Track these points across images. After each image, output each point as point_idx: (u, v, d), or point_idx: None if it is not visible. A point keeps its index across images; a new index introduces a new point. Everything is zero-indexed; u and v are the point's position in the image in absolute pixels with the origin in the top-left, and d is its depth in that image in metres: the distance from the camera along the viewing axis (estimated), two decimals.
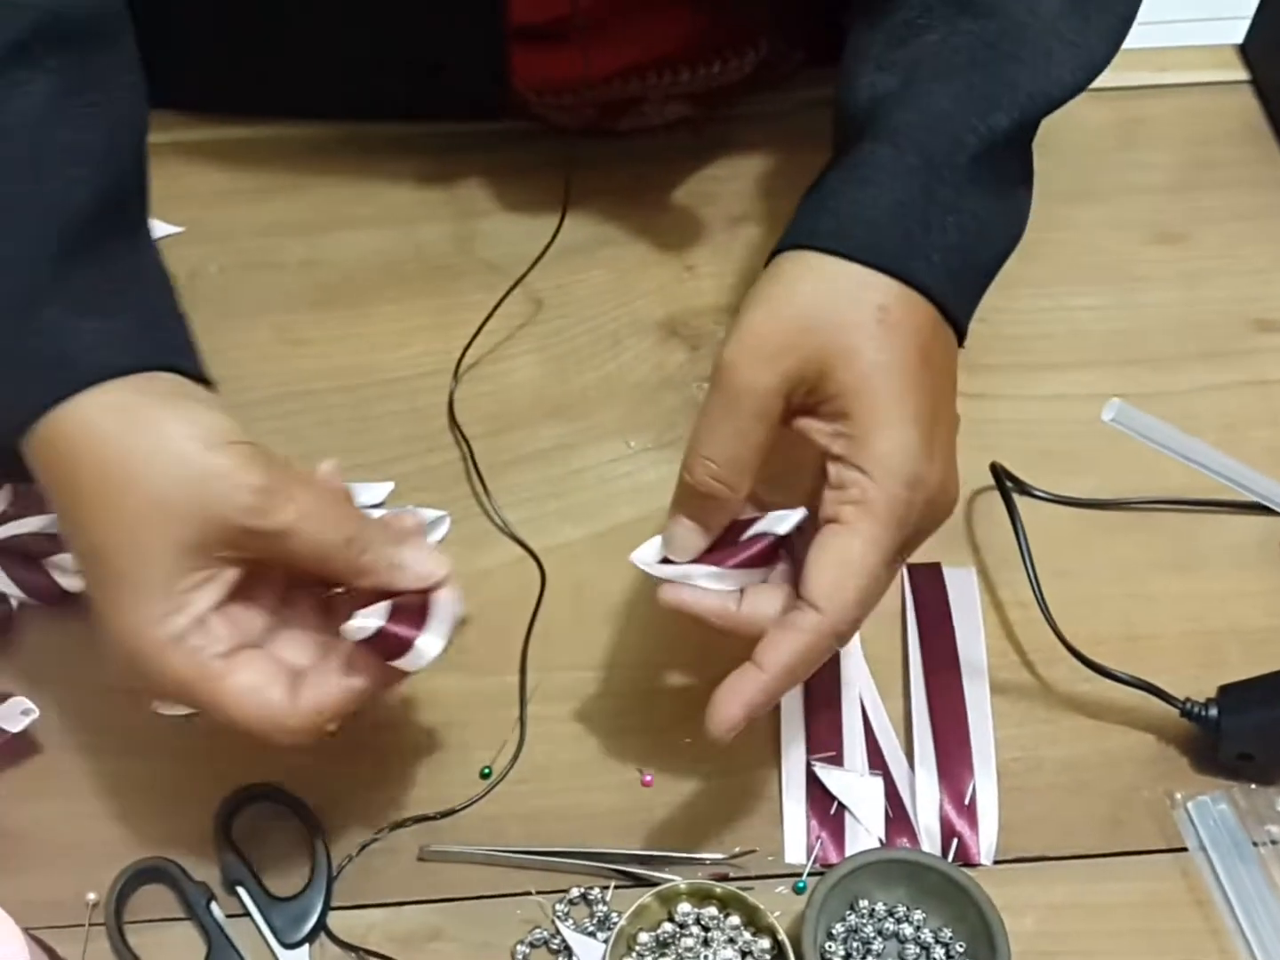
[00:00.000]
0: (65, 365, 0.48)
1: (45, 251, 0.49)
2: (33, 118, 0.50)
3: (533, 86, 0.73)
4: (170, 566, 0.47)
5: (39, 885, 0.56)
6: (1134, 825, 0.57)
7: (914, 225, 0.52)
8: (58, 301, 0.49)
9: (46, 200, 0.50)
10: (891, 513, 0.49)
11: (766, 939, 0.53)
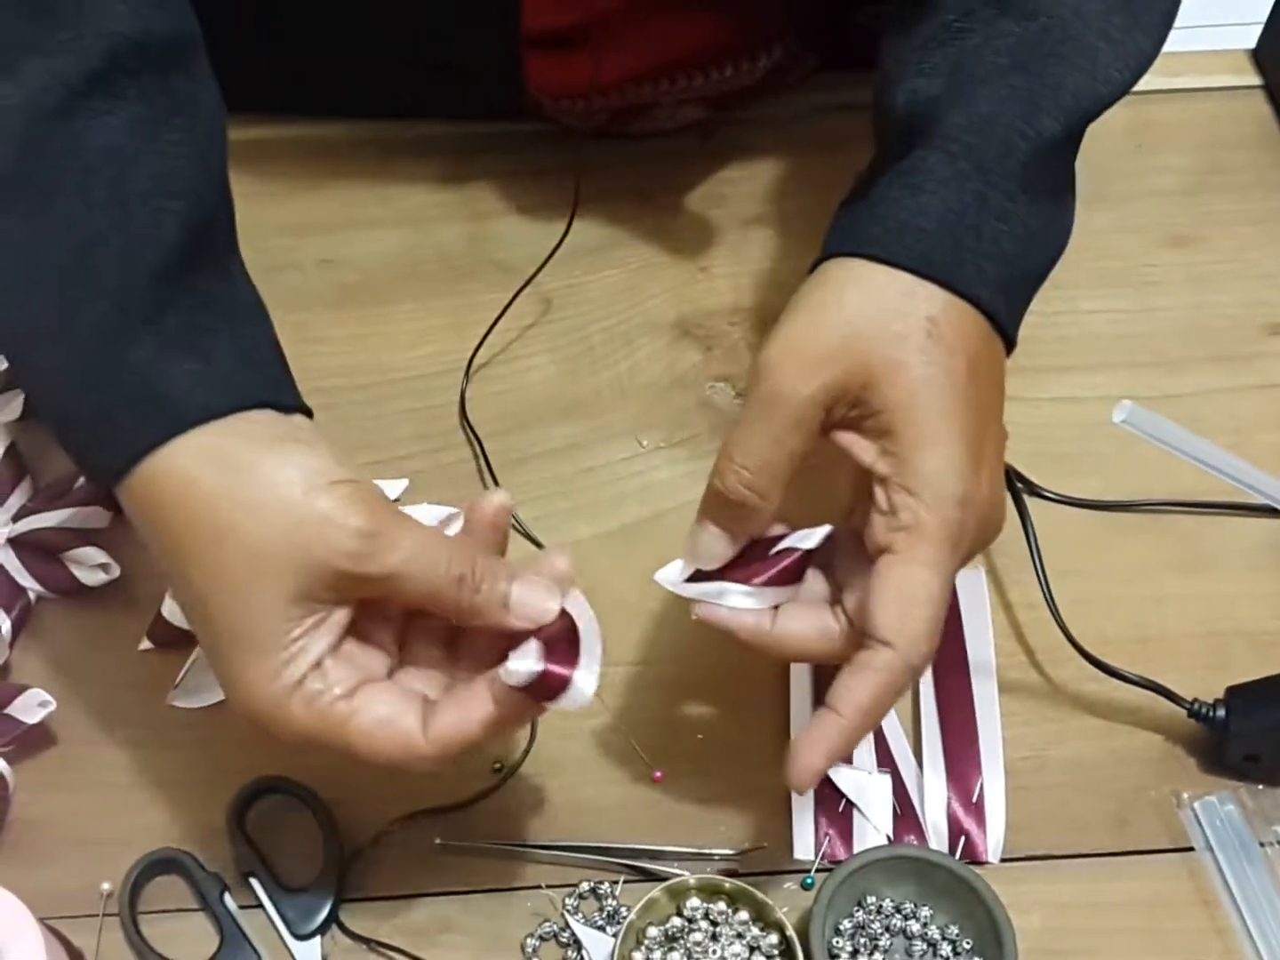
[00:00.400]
0: (161, 408, 0.47)
1: (137, 289, 0.48)
2: (117, 151, 0.49)
3: (546, 92, 0.73)
4: (278, 618, 0.46)
5: (54, 875, 0.56)
6: (1141, 825, 0.57)
7: (965, 233, 0.50)
8: (151, 341, 0.48)
9: (136, 237, 0.48)
10: (946, 536, 0.48)
11: (775, 934, 0.53)
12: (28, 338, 0.49)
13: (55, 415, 0.50)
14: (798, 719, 0.59)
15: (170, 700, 0.61)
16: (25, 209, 0.48)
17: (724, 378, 0.71)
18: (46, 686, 0.59)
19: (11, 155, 0.48)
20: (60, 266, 0.48)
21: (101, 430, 0.48)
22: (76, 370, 0.48)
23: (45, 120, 0.48)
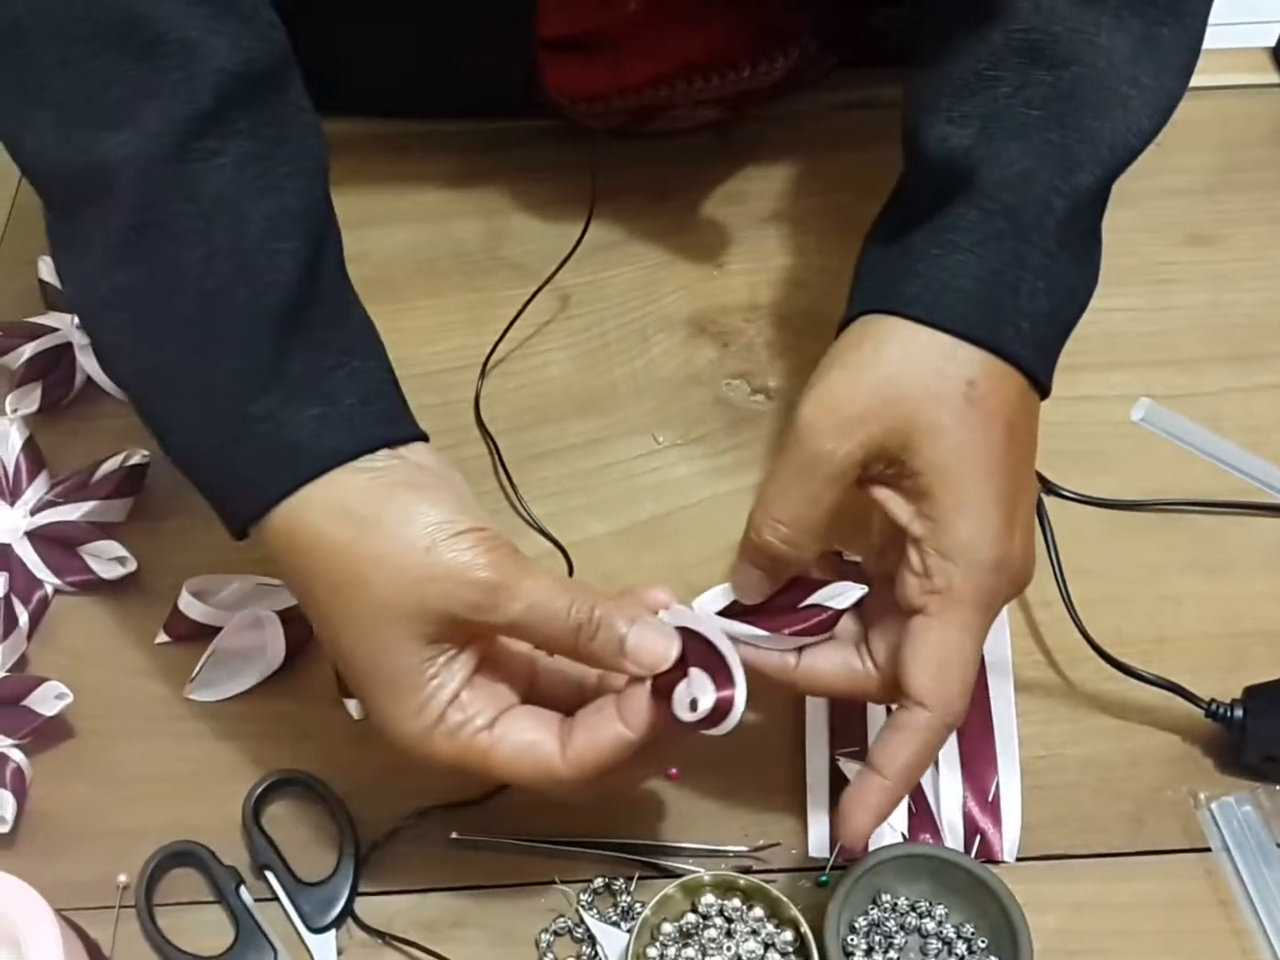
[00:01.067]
0: (290, 458, 0.48)
1: (261, 338, 0.49)
2: (230, 195, 0.49)
3: (564, 94, 0.73)
4: (412, 660, 0.47)
5: (71, 867, 0.57)
6: (1157, 825, 0.57)
7: (1004, 293, 0.50)
8: (278, 389, 0.49)
9: (257, 284, 0.49)
10: (979, 600, 0.49)
11: (789, 931, 0.53)
12: (157, 386, 0.50)
13: (186, 461, 0.51)
14: (813, 717, 0.59)
15: (187, 694, 0.61)
16: (150, 260, 0.49)
17: (740, 375, 0.71)
18: (63, 679, 0.59)
19: (132, 204, 0.49)
20: (186, 318, 0.49)
21: (231, 480, 0.50)
22: (205, 420, 0.49)
23: (161, 166, 0.48)
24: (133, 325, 0.50)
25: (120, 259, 0.49)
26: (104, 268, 0.50)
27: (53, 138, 0.49)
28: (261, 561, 0.64)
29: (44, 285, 0.73)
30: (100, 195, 0.49)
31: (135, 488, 0.66)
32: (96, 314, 0.51)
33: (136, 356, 0.50)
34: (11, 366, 0.70)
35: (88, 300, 0.51)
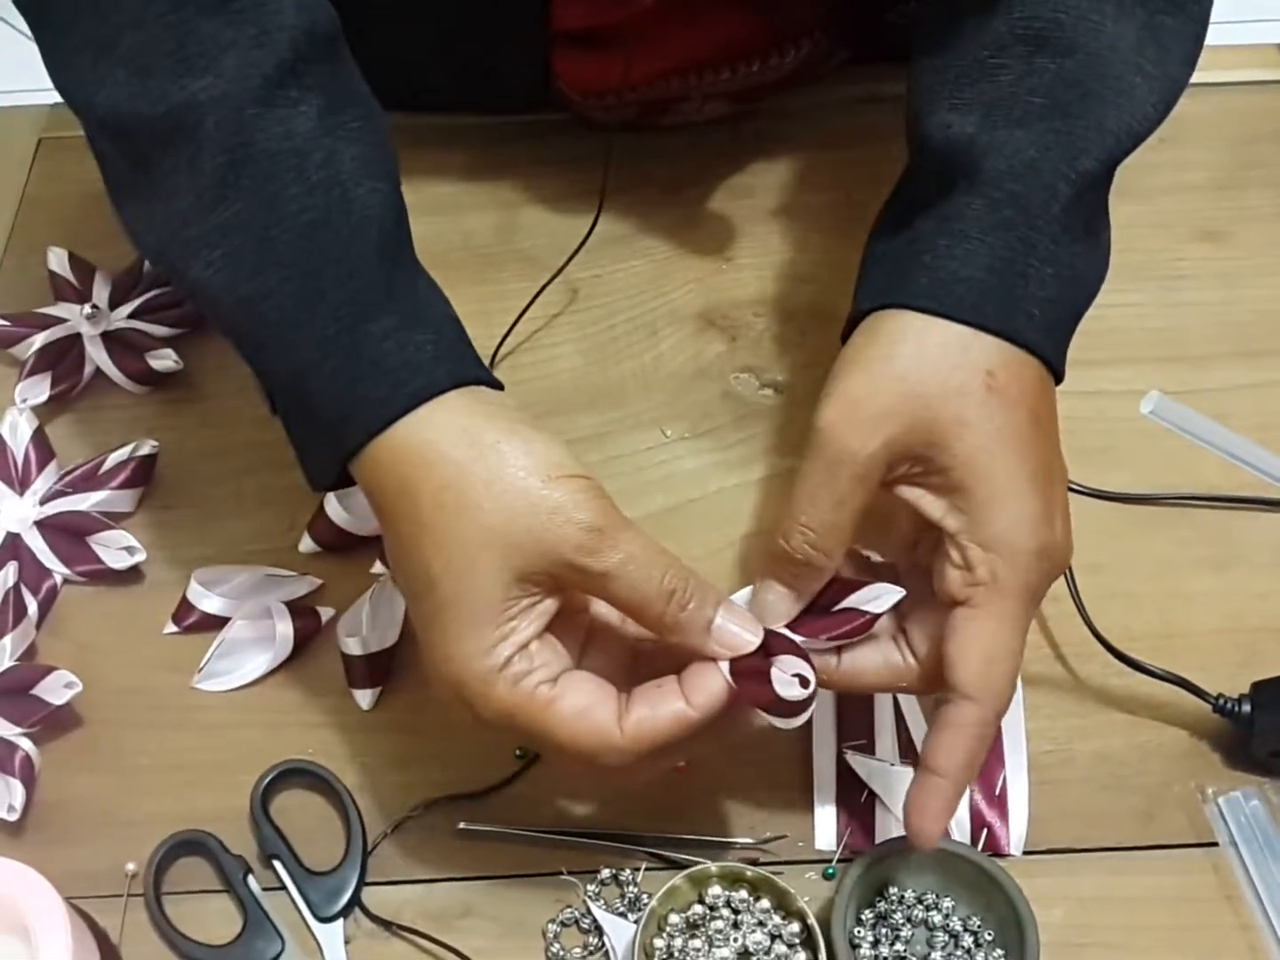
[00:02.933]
0: (412, 375, 0.49)
1: (368, 266, 0.50)
2: (320, 135, 0.51)
3: (576, 88, 0.73)
4: (498, 594, 0.47)
5: (80, 856, 0.57)
6: (1165, 819, 0.57)
7: (1014, 281, 0.50)
8: (392, 312, 0.50)
9: (353, 216, 0.50)
10: (1025, 589, 0.48)
11: (796, 923, 0.53)
12: (265, 313, 0.51)
13: (294, 386, 0.51)
14: (820, 711, 0.59)
15: (195, 683, 0.61)
16: (249, 196, 0.50)
17: (748, 369, 0.71)
18: (72, 668, 0.59)
19: (225, 143, 0.50)
20: (292, 246, 0.50)
21: (351, 396, 0.49)
22: (321, 341, 0.50)
23: (251, 107, 0.50)
24: (234, 259, 0.50)
25: (217, 197, 0.50)
26: (198, 208, 0.50)
27: (129, 90, 0.50)
28: (270, 552, 0.64)
29: (53, 276, 0.73)
30: (188, 139, 0.50)
31: (144, 478, 0.66)
32: (189, 254, 0.51)
33: (238, 287, 0.50)
34: (21, 357, 0.70)
35: (175, 242, 0.51)
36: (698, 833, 0.57)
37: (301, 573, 0.64)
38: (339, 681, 0.61)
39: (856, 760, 0.58)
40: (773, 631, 0.50)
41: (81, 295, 0.72)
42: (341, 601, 0.63)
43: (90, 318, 0.70)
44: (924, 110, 0.55)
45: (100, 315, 0.71)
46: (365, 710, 0.60)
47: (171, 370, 0.69)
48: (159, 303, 0.72)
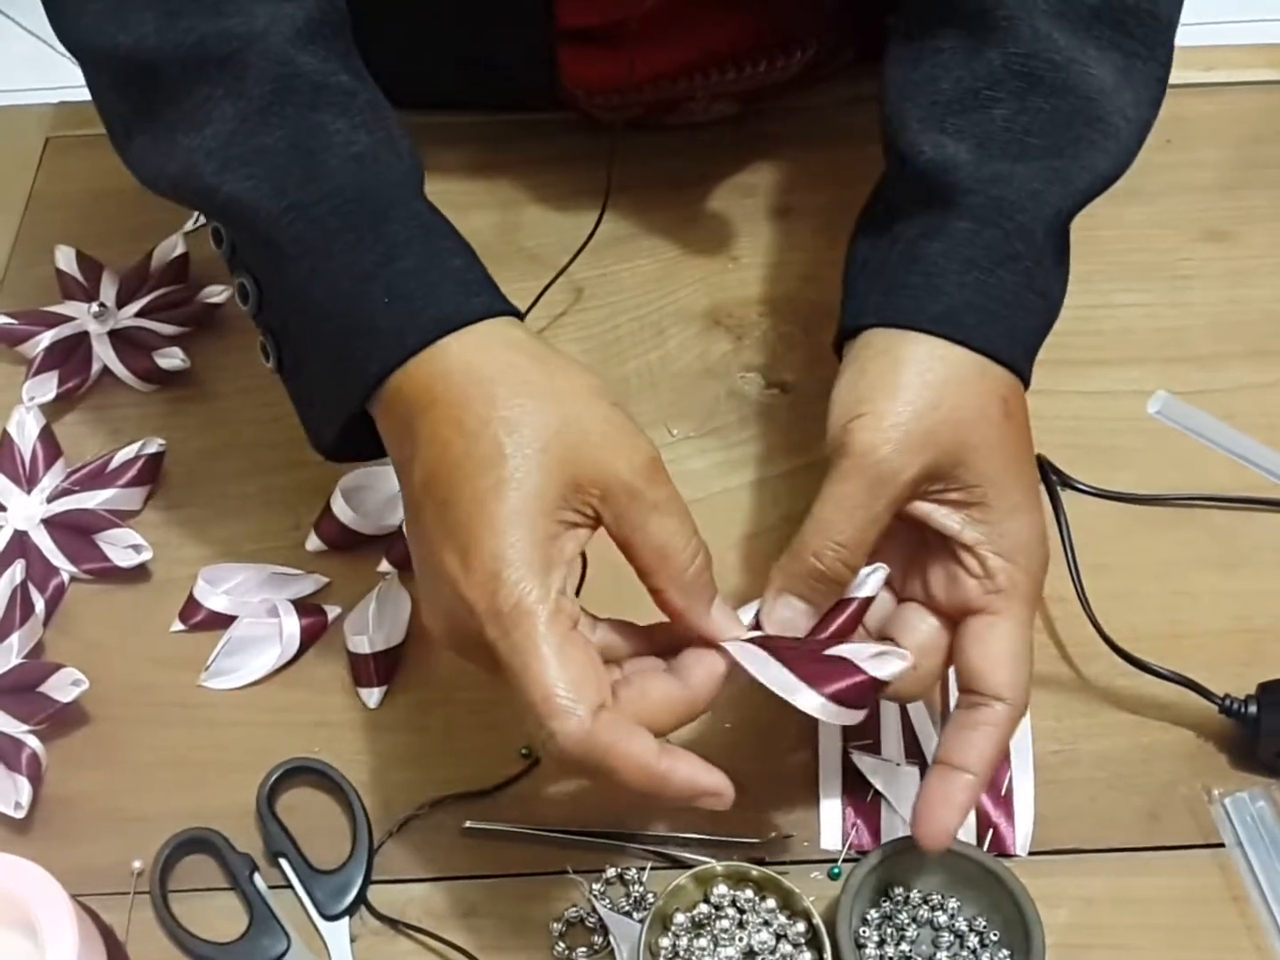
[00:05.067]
0: (485, 288, 0.51)
1: (414, 195, 0.53)
2: (355, 85, 0.54)
3: (581, 87, 0.73)
4: (559, 490, 0.47)
5: (86, 853, 0.57)
6: (1171, 820, 0.57)
7: (1018, 314, 0.53)
8: (437, 243, 0.52)
9: (396, 152, 0.53)
10: (1036, 594, 0.52)
11: (802, 923, 0.53)
12: (320, 221, 0.51)
13: (339, 299, 0.51)
14: None
15: (201, 681, 0.61)
16: (294, 123, 0.52)
17: (754, 368, 0.71)
18: (79, 666, 0.59)
19: (271, 73, 0.52)
20: (344, 166, 0.52)
21: (426, 295, 0.50)
22: (395, 243, 0.51)
23: (293, 42, 0.53)
24: (282, 172, 0.52)
25: (261, 122, 0.52)
26: (238, 132, 0.52)
27: (156, 27, 0.53)
28: (276, 551, 0.64)
29: (61, 274, 0.73)
30: (225, 67, 0.52)
31: (151, 476, 0.66)
32: (224, 171, 0.52)
33: (282, 195, 0.51)
34: (29, 355, 0.70)
35: (210, 162, 0.52)
36: (703, 832, 0.57)
37: (308, 571, 0.64)
38: (345, 680, 0.61)
39: (862, 760, 0.58)
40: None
41: (89, 294, 0.72)
42: (348, 600, 0.63)
43: (98, 316, 0.71)
44: (910, 125, 0.56)
45: (107, 313, 0.71)
46: (372, 709, 0.60)
47: (179, 369, 0.69)
48: (166, 301, 0.72)
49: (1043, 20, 0.54)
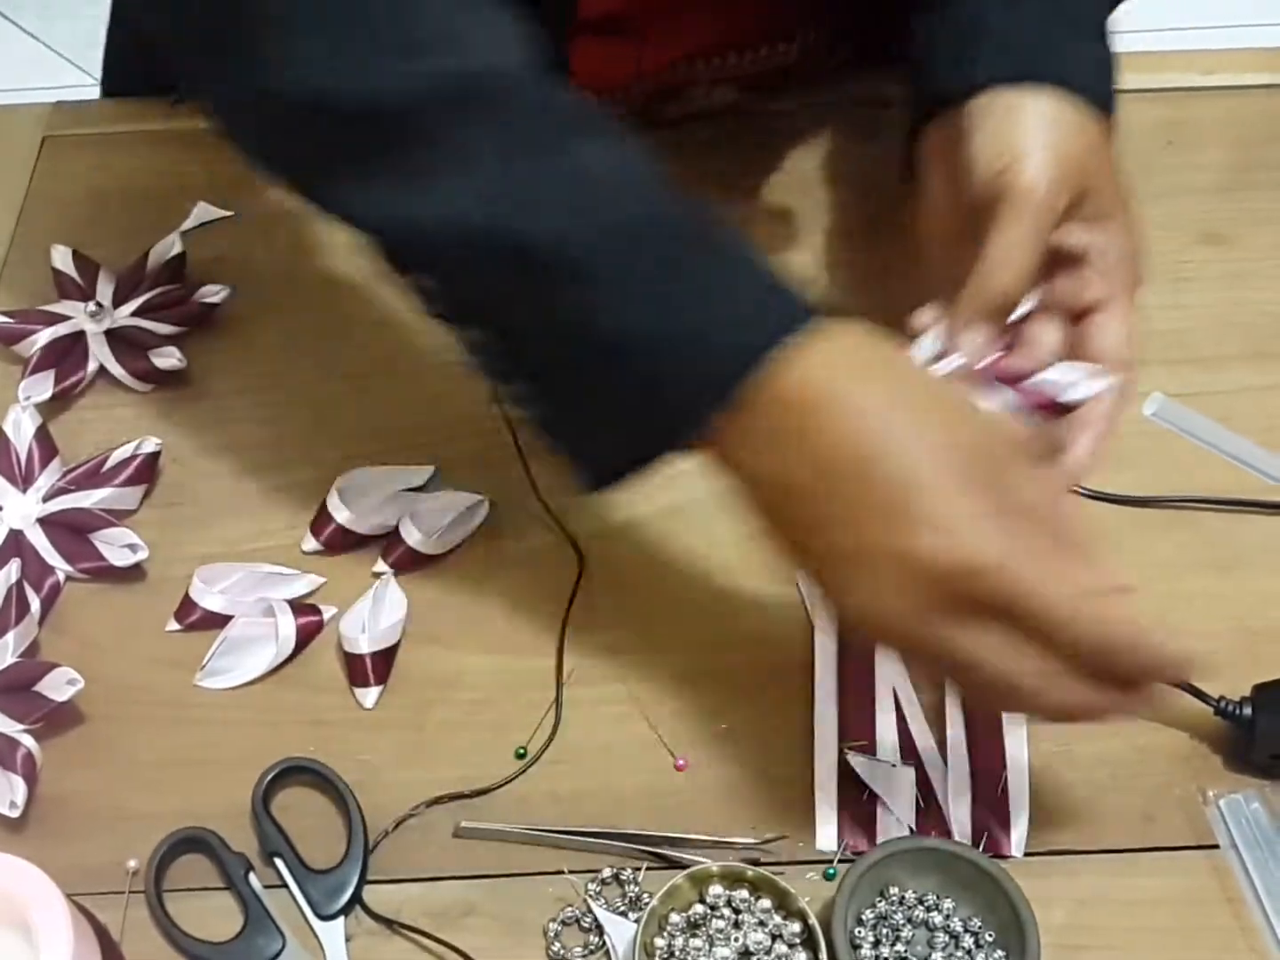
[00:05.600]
0: (797, 299, 0.51)
1: (705, 207, 0.52)
2: (596, 108, 0.54)
3: (587, 80, 0.73)
4: (966, 489, 0.48)
5: (81, 852, 0.57)
6: (1166, 821, 0.57)
7: (1107, 70, 0.61)
8: (739, 248, 0.52)
9: (642, 147, 0.53)
10: (1136, 290, 0.60)
11: (797, 923, 0.53)
12: (629, 252, 0.50)
13: (650, 331, 0.50)
14: (821, 711, 0.59)
15: (197, 681, 0.61)
16: (563, 155, 0.51)
17: None
18: (75, 665, 0.59)
19: (528, 106, 0.52)
20: (640, 186, 0.52)
21: (757, 314, 0.50)
22: (715, 263, 0.51)
23: (534, 76, 0.52)
24: (568, 212, 0.50)
25: (532, 157, 0.51)
26: (511, 169, 0.50)
27: (399, 68, 0.51)
28: (272, 550, 0.64)
29: (57, 273, 0.73)
30: (488, 108, 0.51)
31: (147, 476, 0.66)
32: (508, 217, 0.50)
33: (585, 230, 0.50)
34: (25, 354, 0.70)
35: (480, 206, 0.50)
36: (699, 832, 0.57)
37: (304, 571, 0.64)
38: (341, 680, 0.61)
39: (858, 760, 0.58)
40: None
41: (85, 293, 0.72)
42: (344, 600, 0.63)
43: (94, 315, 0.71)
44: None
45: (104, 313, 0.71)
46: (367, 709, 0.60)
47: (175, 368, 0.69)
48: (163, 301, 0.72)
49: None
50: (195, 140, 0.80)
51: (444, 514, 0.64)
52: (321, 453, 0.68)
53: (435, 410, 0.69)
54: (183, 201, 0.77)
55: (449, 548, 0.65)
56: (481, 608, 0.63)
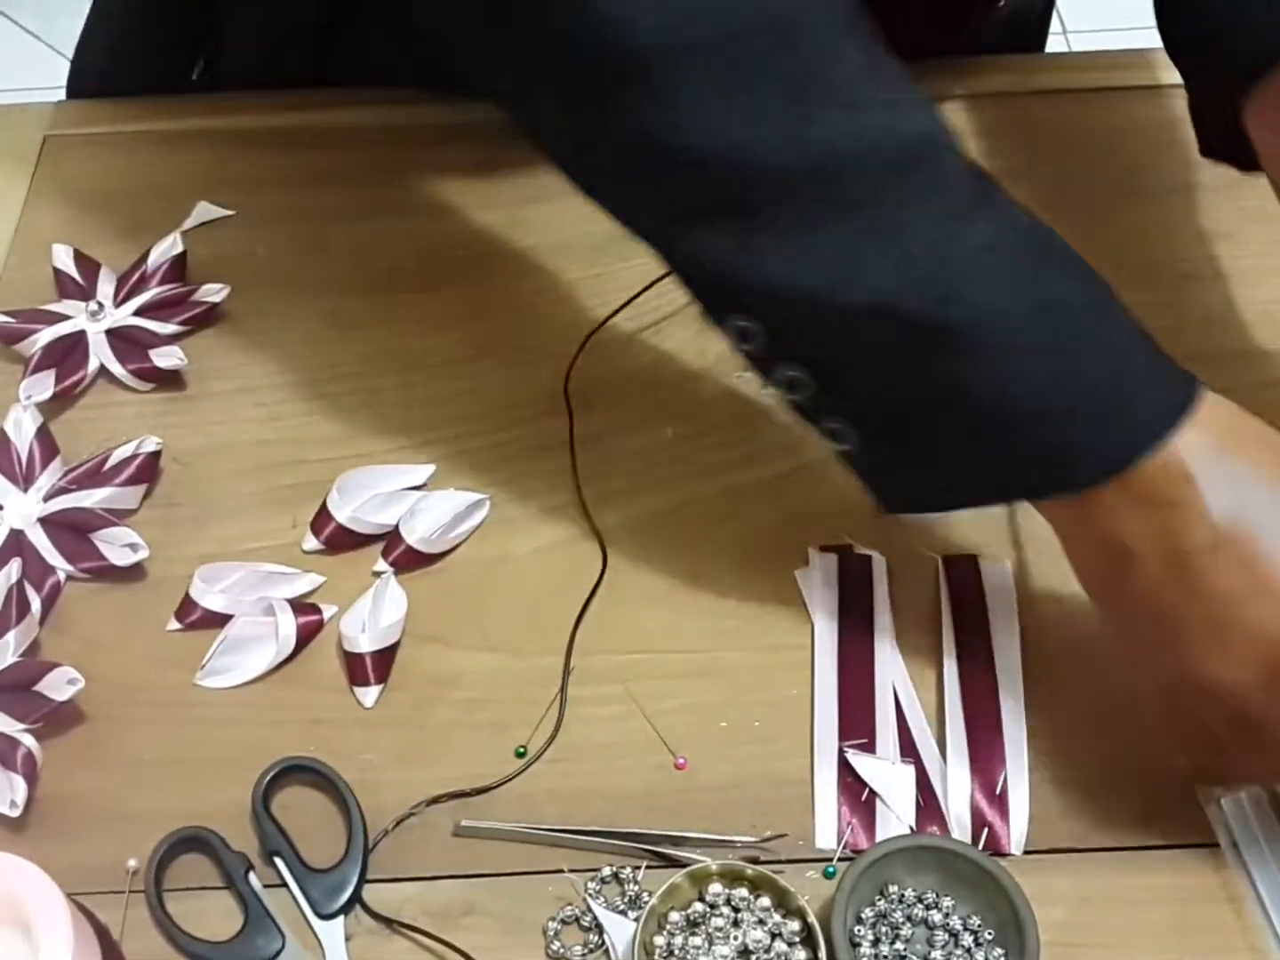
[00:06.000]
0: (1174, 381, 0.51)
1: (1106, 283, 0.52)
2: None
3: None
4: None
5: (81, 851, 0.57)
6: (1166, 820, 0.57)
7: None
8: (1130, 324, 0.52)
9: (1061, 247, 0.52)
10: None
11: (796, 921, 0.53)
12: (1056, 322, 0.50)
13: (1048, 403, 0.50)
14: (821, 709, 0.59)
15: (197, 680, 0.61)
16: (990, 225, 0.51)
17: None
18: (75, 665, 0.59)
19: (958, 172, 0.51)
20: (1063, 252, 0.51)
21: (1154, 394, 0.51)
22: (1123, 339, 0.51)
23: (955, 142, 0.51)
24: (1014, 271, 0.50)
25: (966, 226, 0.50)
26: (955, 228, 0.50)
27: (844, 125, 0.49)
28: (273, 550, 0.64)
29: (58, 273, 0.73)
30: (929, 162, 0.50)
31: (148, 475, 0.66)
32: (952, 279, 0.49)
33: (1029, 294, 0.50)
34: (25, 353, 0.70)
35: (918, 269, 0.49)
36: (698, 831, 0.57)
37: (305, 570, 0.64)
38: (341, 679, 0.61)
39: (857, 759, 0.58)
40: None
41: (86, 292, 0.72)
42: (344, 599, 0.63)
43: (95, 315, 0.71)
44: None
45: (104, 312, 0.71)
46: (367, 708, 0.60)
47: (176, 367, 0.69)
48: (164, 300, 0.72)
49: None
50: (196, 139, 0.80)
51: (444, 513, 0.64)
52: (322, 451, 0.68)
53: (436, 409, 0.69)
54: (184, 200, 0.77)
55: (449, 547, 0.65)
56: (482, 606, 0.63)
